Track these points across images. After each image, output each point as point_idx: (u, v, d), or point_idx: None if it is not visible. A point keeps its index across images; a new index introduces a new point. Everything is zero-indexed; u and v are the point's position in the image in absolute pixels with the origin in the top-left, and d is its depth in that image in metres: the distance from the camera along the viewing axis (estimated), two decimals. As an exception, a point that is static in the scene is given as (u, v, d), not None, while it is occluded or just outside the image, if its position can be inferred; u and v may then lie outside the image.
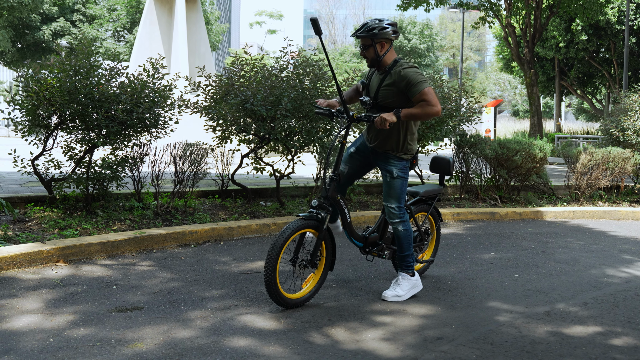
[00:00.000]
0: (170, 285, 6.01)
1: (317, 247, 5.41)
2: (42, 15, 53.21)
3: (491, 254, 7.90)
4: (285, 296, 5.25)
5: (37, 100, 8.35)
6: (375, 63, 5.78)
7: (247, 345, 4.45)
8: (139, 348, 4.35)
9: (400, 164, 5.80)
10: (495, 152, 11.53)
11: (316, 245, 5.41)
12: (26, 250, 6.65)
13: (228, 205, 9.96)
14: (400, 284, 5.77)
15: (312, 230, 5.41)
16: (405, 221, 5.73)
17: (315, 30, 5.28)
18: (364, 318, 5.15)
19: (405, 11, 31.34)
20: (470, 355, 4.33)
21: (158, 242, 7.73)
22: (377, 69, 5.85)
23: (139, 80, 8.83)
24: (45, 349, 4.31)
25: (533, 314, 5.35)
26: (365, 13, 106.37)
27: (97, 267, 6.69)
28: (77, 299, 5.50)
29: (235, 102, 9.14)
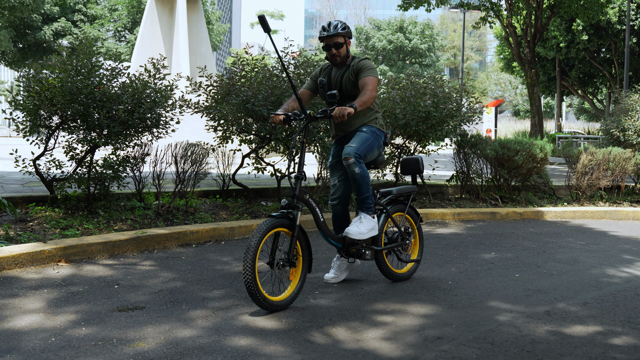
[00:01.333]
0: (171, 285, 6.03)
1: (291, 245, 5.43)
2: (43, 15, 53.19)
3: (492, 254, 7.91)
4: (268, 298, 5.23)
5: (39, 100, 8.37)
6: (344, 60, 6.21)
7: (248, 345, 4.46)
8: (141, 347, 4.37)
9: (370, 128, 6.20)
10: (496, 152, 11.55)
11: (290, 243, 5.44)
12: (28, 250, 6.67)
13: (229, 205, 9.98)
14: (362, 222, 5.95)
15: (285, 229, 5.44)
16: (360, 164, 5.90)
17: (264, 28, 5.55)
18: (365, 318, 5.16)
19: (406, 11, 31.35)
20: (470, 355, 4.34)
21: (159, 242, 7.75)
22: (338, 65, 6.27)
23: (140, 81, 8.85)
24: (47, 348, 4.33)
25: (533, 314, 5.36)
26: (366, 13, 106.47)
27: (99, 267, 6.70)
28: (79, 299, 5.52)
29: (236, 102, 9.17)
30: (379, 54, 72.99)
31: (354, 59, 6.24)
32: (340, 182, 6.28)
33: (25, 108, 8.62)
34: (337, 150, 6.38)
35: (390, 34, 73.10)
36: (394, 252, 6.37)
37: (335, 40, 6.09)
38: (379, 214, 6.27)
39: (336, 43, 6.10)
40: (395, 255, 6.40)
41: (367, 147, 6.04)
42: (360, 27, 76.78)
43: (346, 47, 6.17)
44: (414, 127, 10.64)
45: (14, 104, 8.79)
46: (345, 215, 6.35)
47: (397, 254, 6.38)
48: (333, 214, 6.37)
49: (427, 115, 10.62)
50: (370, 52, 73.86)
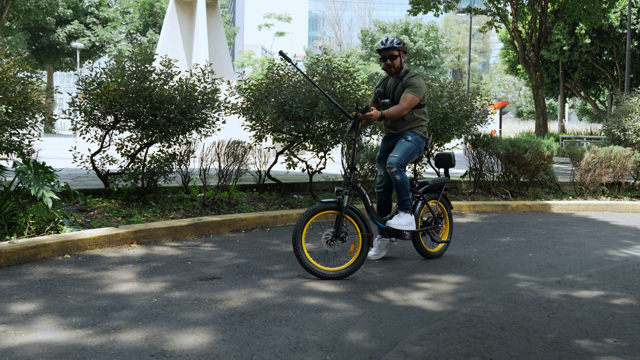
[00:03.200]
0: (236, 262, 7.06)
1: (338, 222, 6.47)
2: (56, 18, 54.27)
3: (507, 238, 8.96)
4: (320, 268, 6.35)
5: (100, 102, 9.37)
6: (398, 70, 7.29)
7: (318, 303, 5.50)
8: (231, 305, 5.40)
9: (414, 136, 7.25)
10: (507, 150, 12.58)
11: (337, 221, 6.49)
12: (105, 233, 7.70)
13: (265, 198, 11.00)
14: (401, 217, 7.02)
15: (332, 211, 6.50)
16: (401, 172, 6.98)
17: (286, 59, 7.06)
18: (408, 284, 6.22)
19: (415, 15, 32.36)
20: (498, 310, 5.37)
21: (213, 228, 8.79)
22: (394, 76, 7.37)
23: (188, 85, 9.83)
24: (153, 306, 5.35)
25: (546, 283, 6.39)
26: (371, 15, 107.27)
27: (167, 248, 7.74)
28: (162, 271, 6.55)
29: (274, 104, 10.18)
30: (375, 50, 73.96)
31: (407, 73, 7.29)
32: (385, 174, 7.35)
33: (84, 110, 9.63)
34: (384, 146, 7.46)
35: (396, 36, 74.07)
36: (428, 234, 7.44)
37: (390, 53, 7.19)
38: (416, 201, 7.31)
39: (391, 55, 7.20)
40: (429, 236, 7.46)
41: (409, 156, 7.14)
42: (365, 29, 77.69)
43: (400, 60, 7.25)
44: (432, 127, 11.65)
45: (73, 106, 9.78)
46: (388, 202, 7.42)
47: (431, 235, 7.45)
48: (378, 200, 7.44)
49: (444, 116, 11.63)
50: (375, 54, 74.77)
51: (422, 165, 12.10)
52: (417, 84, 7.17)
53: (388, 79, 7.50)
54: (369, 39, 76.56)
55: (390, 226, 6.96)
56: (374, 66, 72.19)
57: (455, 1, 32.53)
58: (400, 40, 7.26)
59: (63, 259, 6.99)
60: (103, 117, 9.74)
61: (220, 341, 4.48)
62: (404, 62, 7.36)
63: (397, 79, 7.35)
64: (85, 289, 5.79)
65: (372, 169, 11.22)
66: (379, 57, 7.46)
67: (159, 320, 4.93)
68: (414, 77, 7.23)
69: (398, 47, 7.20)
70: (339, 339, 4.57)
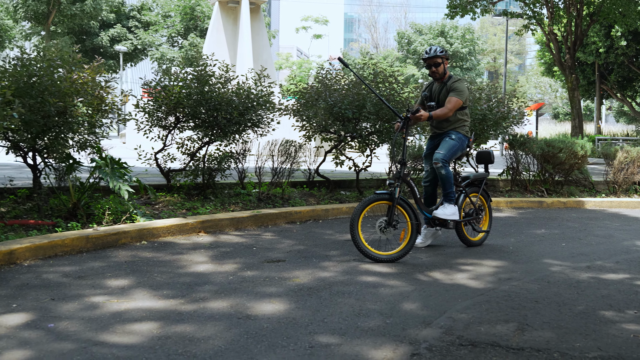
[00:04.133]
0: (296, 248, 7.85)
1: (390, 212, 7.28)
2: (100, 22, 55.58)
3: (542, 230, 9.68)
4: (374, 252, 7.15)
5: (165, 104, 10.20)
6: (442, 76, 8.07)
7: (374, 280, 6.28)
8: (299, 281, 6.18)
9: (457, 135, 8.05)
10: (542, 150, 13.26)
11: (389, 210, 7.30)
12: (176, 222, 8.53)
13: (315, 194, 11.79)
14: (446, 207, 7.81)
15: (385, 202, 7.30)
16: (445, 167, 7.78)
17: (344, 65, 7.85)
18: (452, 266, 6.99)
19: (452, 19, 33.01)
20: (533, 287, 6.11)
21: (271, 219, 9.59)
22: (438, 81, 8.16)
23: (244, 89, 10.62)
24: (230, 282, 6.15)
25: (577, 267, 7.11)
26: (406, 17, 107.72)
27: (232, 236, 8.55)
28: (232, 255, 7.36)
29: (324, 105, 10.96)
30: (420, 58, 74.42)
31: (450, 78, 8.06)
32: (431, 169, 8.12)
33: (147, 112, 10.48)
34: (431, 144, 8.23)
35: (432, 38, 74.61)
36: (470, 224, 8.19)
37: (434, 61, 7.98)
38: (459, 194, 8.07)
39: (435, 62, 7.99)
40: (471, 226, 8.21)
41: (452, 153, 7.93)
42: (402, 31, 78.27)
43: (443, 66, 8.03)
44: (471, 127, 12.35)
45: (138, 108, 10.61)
46: (434, 194, 8.20)
47: (472, 225, 8.20)
48: (424, 192, 8.22)
49: (483, 118, 12.33)
50: (412, 56, 75.32)
51: (462, 164, 12.80)
52: (461, 88, 7.93)
53: (433, 83, 8.28)
54: (405, 41, 77.12)
55: (436, 216, 7.73)
56: (410, 68, 72.77)
57: (491, 5, 33.12)
58: (442, 49, 8.04)
59: (141, 244, 7.83)
60: (165, 118, 10.59)
61: (294, 308, 5.27)
62: (447, 68, 8.14)
63: (441, 84, 8.12)
64: (167, 268, 6.61)
65: (415, 167, 11.96)
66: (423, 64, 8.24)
67: (238, 292, 5.74)
68: (458, 82, 8.01)
69: (441, 55, 7.98)
70: (395, 308, 5.35)
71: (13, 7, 51.90)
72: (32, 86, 8.16)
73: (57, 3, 49.71)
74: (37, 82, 8.18)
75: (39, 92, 8.15)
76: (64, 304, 5.28)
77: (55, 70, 8.48)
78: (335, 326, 4.85)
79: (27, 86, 8.13)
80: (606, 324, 5.03)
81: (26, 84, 8.14)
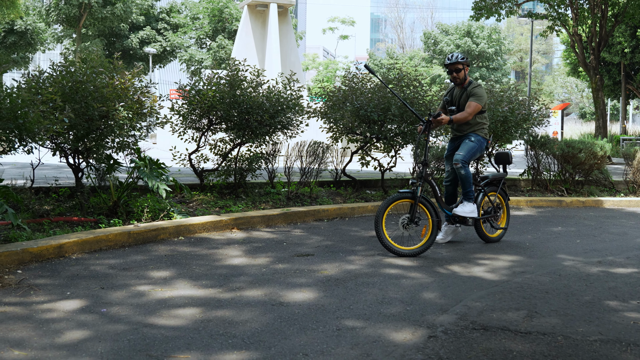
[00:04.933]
0: (324, 243, 8.36)
1: (413, 209, 7.79)
2: (130, 24, 56.44)
3: (558, 228, 10.11)
4: (397, 247, 7.65)
5: (200, 108, 10.73)
6: (462, 81, 8.57)
7: (397, 272, 6.78)
8: (326, 273, 6.69)
9: (476, 137, 8.53)
10: (562, 150, 13.67)
11: (412, 208, 7.81)
12: (210, 219, 9.07)
13: (342, 193, 12.29)
14: (465, 205, 8.30)
15: (408, 200, 7.81)
16: (465, 168, 8.28)
17: (371, 72, 8.57)
18: (470, 261, 7.47)
19: (478, 21, 33.37)
20: (545, 280, 6.58)
21: (300, 217, 10.10)
22: (459, 86, 8.66)
23: (274, 93, 11.12)
24: (263, 274, 6.66)
25: (589, 262, 7.56)
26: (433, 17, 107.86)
27: (263, 233, 9.07)
28: (264, 250, 7.87)
29: (350, 108, 11.45)
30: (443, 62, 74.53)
31: (471, 84, 8.53)
32: (452, 170, 8.60)
33: (182, 114, 11.01)
34: (451, 146, 8.71)
35: (458, 39, 74.74)
36: (488, 221, 8.67)
37: (456, 67, 8.48)
38: (478, 193, 8.55)
39: (457, 68, 8.48)
40: (489, 223, 8.69)
41: (472, 154, 8.42)
42: (428, 32, 78.51)
43: (464, 72, 8.51)
44: (493, 129, 12.78)
45: (173, 111, 11.14)
46: (454, 193, 8.69)
47: (491, 223, 8.68)
48: (445, 192, 8.71)
49: (504, 119, 12.76)
50: (438, 57, 75.54)
51: (484, 164, 13.22)
52: (480, 93, 8.41)
53: (454, 88, 8.75)
54: (432, 41, 77.32)
55: (456, 213, 8.22)
56: (436, 68, 73.05)
57: (516, 6, 33.44)
58: (464, 56, 8.53)
59: (178, 240, 8.37)
60: (199, 120, 11.12)
61: (323, 297, 5.78)
62: (467, 74, 8.62)
63: (462, 89, 8.61)
64: (204, 261, 7.14)
65: (437, 167, 12.43)
66: (445, 70, 8.70)
67: (271, 283, 6.25)
68: (477, 87, 8.49)
69: (462, 62, 8.47)
70: (415, 297, 5.85)
71: (45, 11, 52.94)
72: (77, 91, 8.70)
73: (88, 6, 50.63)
74: (81, 88, 8.72)
75: (83, 97, 8.69)
76: (113, 292, 5.82)
77: (97, 76, 9.02)
78: (360, 312, 5.35)
79: (72, 92, 8.67)
80: (609, 312, 5.49)
81: (71, 90, 8.69)
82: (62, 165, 10.75)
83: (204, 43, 59.01)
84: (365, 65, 8.55)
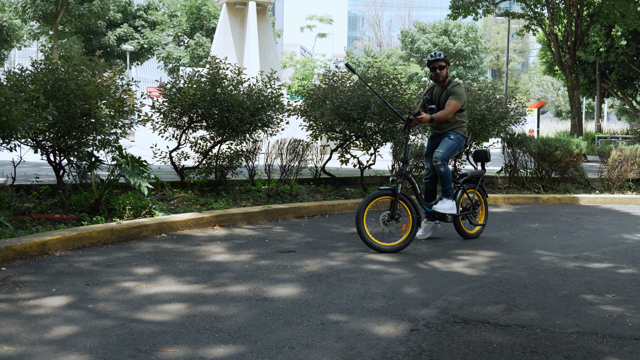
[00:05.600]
0: (306, 240, 8.46)
1: (393, 206, 7.91)
2: (107, 22, 56.21)
3: (535, 224, 10.28)
4: (378, 243, 7.76)
5: (181, 106, 10.78)
6: (444, 79, 8.69)
7: (378, 268, 6.90)
8: (309, 269, 6.79)
9: (456, 135, 8.66)
10: (539, 148, 13.86)
11: (392, 205, 7.92)
12: (192, 217, 9.14)
13: (321, 190, 12.40)
14: (445, 202, 8.43)
15: (388, 197, 7.93)
16: (444, 165, 8.41)
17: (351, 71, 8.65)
18: (450, 256, 7.61)
19: (455, 20, 33.57)
20: (523, 275, 6.72)
21: (281, 214, 10.20)
22: (439, 84, 8.77)
23: (255, 91, 11.18)
24: (246, 270, 6.75)
25: (565, 257, 7.71)
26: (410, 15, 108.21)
27: (245, 230, 9.16)
28: (246, 246, 7.96)
29: (330, 106, 11.56)
30: (424, 57, 74.96)
31: (450, 83, 8.66)
32: (431, 167, 8.72)
33: (163, 112, 11.06)
34: (431, 144, 8.83)
35: (435, 37, 75.04)
36: (467, 218, 8.81)
37: (439, 64, 8.61)
38: (457, 190, 8.68)
39: (440, 66, 8.62)
40: (468, 220, 8.82)
41: (451, 152, 8.54)
42: (405, 30, 78.74)
43: (446, 70, 8.65)
44: (471, 127, 12.92)
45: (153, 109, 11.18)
46: (434, 190, 8.82)
47: (469, 219, 8.82)
48: (425, 189, 8.83)
49: (482, 117, 12.91)
50: (415, 55, 75.80)
51: (462, 162, 13.36)
52: (459, 92, 8.54)
53: (434, 87, 8.87)
54: (409, 39, 77.53)
55: (435, 210, 8.34)
56: (413, 67, 73.31)
57: (493, 5, 33.65)
58: (445, 54, 8.66)
59: (161, 237, 8.44)
60: (179, 118, 11.17)
61: (306, 292, 5.88)
62: (448, 72, 8.72)
63: (441, 88, 8.73)
64: (188, 258, 7.22)
65: (416, 164, 12.56)
66: (428, 67, 8.80)
67: (254, 279, 6.34)
68: (457, 86, 8.61)
69: (445, 59, 8.62)
70: (397, 292, 5.96)
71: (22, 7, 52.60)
72: (59, 89, 8.73)
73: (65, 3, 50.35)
74: (63, 86, 8.75)
75: (65, 94, 8.72)
76: (99, 289, 5.89)
77: (79, 74, 9.05)
78: (343, 307, 5.45)
79: (53, 89, 8.70)
80: (586, 306, 5.63)
81: (53, 87, 8.72)
82: (42, 163, 10.78)
83: (182, 40, 58.92)
84: (346, 64, 8.67)
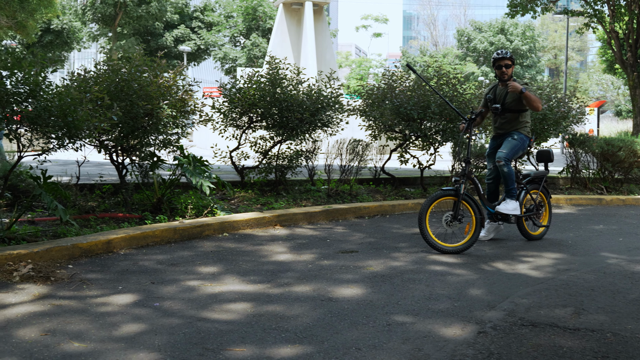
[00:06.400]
0: (367, 240, 8.43)
1: (456, 206, 7.84)
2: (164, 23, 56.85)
3: (600, 226, 10.10)
4: (440, 244, 7.71)
5: (241, 106, 10.84)
6: (509, 78, 8.53)
7: (442, 269, 6.84)
8: (372, 269, 6.77)
9: (519, 135, 8.54)
10: (602, 148, 13.62)
11: (455, 205, 7.86)
12: (253, 216, 9.18)
13: (381, 190, 12.35)
14: (508, 203, 8.34)
15: (451, 197, 7.89)
16: (508, 165, 8.31)
17: (413, 72, 8.67)
18: (514, 258, 7.51)
19: (513, 18, 33.21)
20: (589, 277, 6.61)
21: (341, 214, 10.18)
22: (504, 83, 8.59)
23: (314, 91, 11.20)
24: (310, 270, 6.75)
25: (633, 260, 7.56)
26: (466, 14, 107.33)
27: (306, 229, 9.17)
28: (308, 246, 7.97)
29: (390, 106, 11.51)
30: (480, 56, 74.35)
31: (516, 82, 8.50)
32: (494, 167, 8.62)
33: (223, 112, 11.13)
34: (493, 144, 8.72)
35: (492, 36, 74.38)
36: (530, 219, 8.69)
37: (505, 62, 8.47)
38: (520, 190, 8.57)
39: (506, 64, 8.48)
40: (532, 221, 8.71)
41: (514, 152, 8.44)
42: (461, 29, 78.19)
43: (512, 69, 8.52)
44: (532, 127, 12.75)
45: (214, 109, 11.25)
46: (496, 191, 8.73)
47: (533, 220, 8.70)
48: (487, 189, 8.74)
49: (543, 117, 12.74)
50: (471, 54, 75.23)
51: (523, 162, 13.21)
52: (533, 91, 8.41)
53: (496, 86, 8.76)
54: (465, 38, 76.97)
55: (499, 210, 8.25)
56: (470, 66, 72.75)
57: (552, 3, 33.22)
58: (511, 53, 8.52)
59: (223, 236, 8.49)
60: (239, 118, 11.24)
61: (370, 292, 5.86)
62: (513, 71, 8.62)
63: (506, 86, 8.58)
64: (251, 257, 7.25)
65: (476, 165, 12.44)
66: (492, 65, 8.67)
67: (318, 279, 6.34)
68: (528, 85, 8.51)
69: (511, 58, 8.49)
70: (462, 293, 5.91)
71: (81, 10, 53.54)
72: (122, 90, 8.84)
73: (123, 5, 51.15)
74: (127, 86, 8.86)
75: (128, 95, 8.83)
76: (164, 287, 5.95)
77: (141, 75, 9.15)
78: (408, 308, 5.42)
79: (117, 90, 8.81)
80: (657, 309, 5.51)
81: (116, 88, 8.83)
82: (103, 163, 10.92)
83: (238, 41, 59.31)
84: (407, 64, 8.62)
